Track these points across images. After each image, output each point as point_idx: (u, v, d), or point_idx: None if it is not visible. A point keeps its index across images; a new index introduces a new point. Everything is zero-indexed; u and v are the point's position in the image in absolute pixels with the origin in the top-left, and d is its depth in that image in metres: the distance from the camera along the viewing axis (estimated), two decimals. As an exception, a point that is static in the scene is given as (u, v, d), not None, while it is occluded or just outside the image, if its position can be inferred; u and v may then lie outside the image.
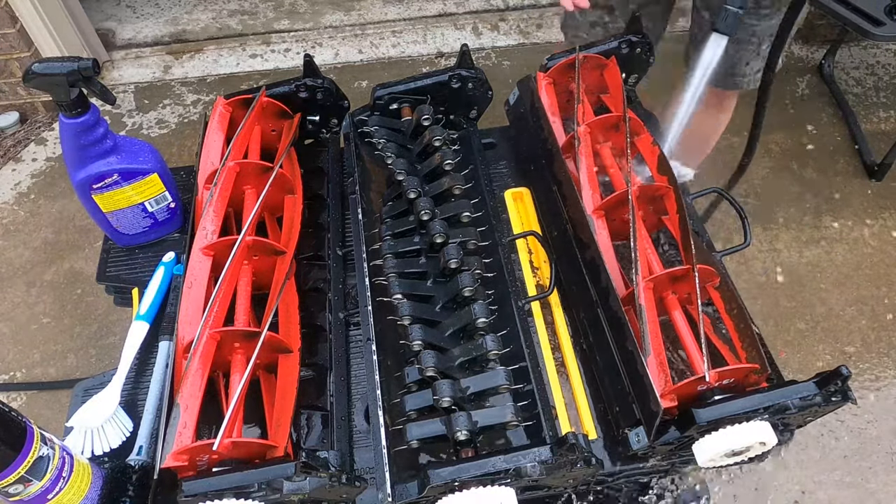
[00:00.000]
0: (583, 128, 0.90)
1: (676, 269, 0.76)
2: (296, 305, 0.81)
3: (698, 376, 0.67)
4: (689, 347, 0.74)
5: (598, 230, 0.83)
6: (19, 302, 1.89)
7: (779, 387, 0.68)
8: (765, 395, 0.66)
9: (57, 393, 1.71)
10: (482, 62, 2.40)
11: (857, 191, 2.04)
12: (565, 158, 0.90)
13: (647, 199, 0.86)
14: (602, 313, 0.78)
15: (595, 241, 0.79)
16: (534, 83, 0.98)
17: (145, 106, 2.36)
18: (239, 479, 0.61)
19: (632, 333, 0.71)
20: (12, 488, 0.62)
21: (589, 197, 0.85)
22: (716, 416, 0.65)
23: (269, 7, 2.68)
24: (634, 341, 0.70)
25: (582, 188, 0.86)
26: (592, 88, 1.01)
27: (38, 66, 0.79)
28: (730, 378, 0.69)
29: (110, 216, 0.94)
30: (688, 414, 0.66)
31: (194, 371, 0.69)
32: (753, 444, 0.67)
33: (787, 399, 0.66)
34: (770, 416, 0.66)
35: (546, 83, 0.98)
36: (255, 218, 0.82)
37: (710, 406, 0.66)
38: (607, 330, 0.77)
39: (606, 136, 0.94)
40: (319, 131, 1.01)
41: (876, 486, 1.54)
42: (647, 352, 0.70)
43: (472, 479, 0.63)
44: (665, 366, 0.71)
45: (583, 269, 0.83)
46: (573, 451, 0.63)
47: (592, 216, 0.84)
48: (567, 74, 0.98)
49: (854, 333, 1.77)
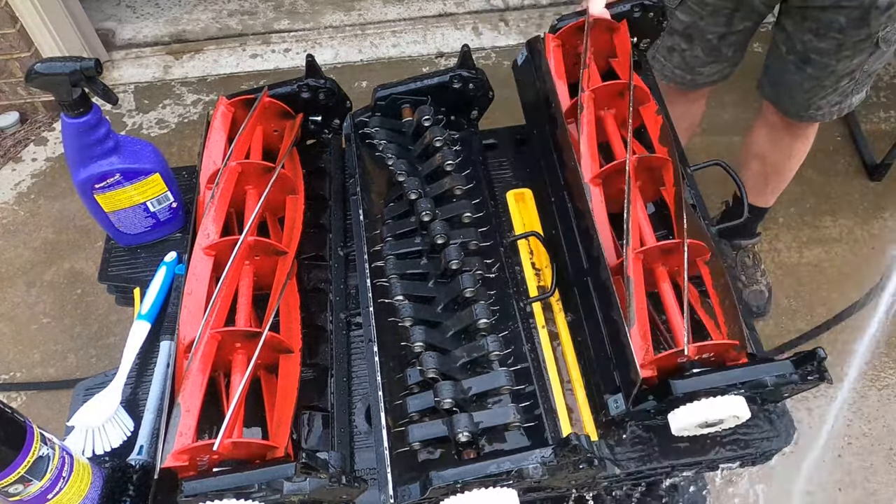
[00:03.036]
0: (587, 93, 0.88)
1: (667, 242, 0.76)
2: (297, 306, 0.81)
3: (678, 349, 0.69)
4: (673, 320, 0.75)
5: (594, 199, 0.82)
6: (19, 302, 1.89)
7: (757, 363, 0.69)
8: (742, 370, 0.68)
9: (57, 393, 1.71)
10: (482, 62, 2.40)
11: (857, 191, 2.04)
12: (568, 124, 0.89)
13: (645, 169, 0.85)
14: (591, 281, 0.79)
15: (590, 209, 0.79)
16: (542, 44, 0.96)
17: (145, 106, 2.36)
18: (239, 480, 0.61)
19: (618, 303, 0.72)
20: (12, 488, 0.62)
21: (588, 165, 0.84)
22: (692, 389, 0.67)
23: (269, 7, 2.68)
24: (620, 311, 0.71)
25: (581, 155, 0.85)
26: (602, 52, 0.98)
27: (41, 65, 0.79)
28: (709, 353, 0.70)
29: (112, 216, 0.94)
30: (666, 384, 0.67)
31: (195, 371, 0.69)
32: (727, 417, 0.69)
33: (763, 376, 0.67)
34: (746, 390, 0.68)
35: (554, 45, 0.96)
36: (257, 218, 0.82)
37: (687, 378, 0.67)
38: (595, 298, 0.78)
39: (611, 102, 0.92)
40: (321, 131, 1.01)
41: (876, 485, 1.54)
42: (631, 322, 0.71)
43: (475, 480, 0.63)
44: (648, 337, 0.72)
45: (576, 237, 0.83)
46: (576, 451, 0.63)
47: (589, 184, 0.83)
48: (576, 37, 0.96)
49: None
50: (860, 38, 1.19)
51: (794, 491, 1.54)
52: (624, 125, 0.89)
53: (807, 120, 1.41)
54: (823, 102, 1.35)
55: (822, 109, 1.36)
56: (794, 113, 1.40)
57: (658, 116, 0.89)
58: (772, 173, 1.63)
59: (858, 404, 1.66)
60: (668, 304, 0.77)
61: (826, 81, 1.29)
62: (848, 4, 1.14)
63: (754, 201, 1.73)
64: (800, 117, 1.40)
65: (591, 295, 0.79)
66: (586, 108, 0.88)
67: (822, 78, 1.29)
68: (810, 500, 1.53)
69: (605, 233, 0.80)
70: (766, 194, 1.71)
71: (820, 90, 1.32)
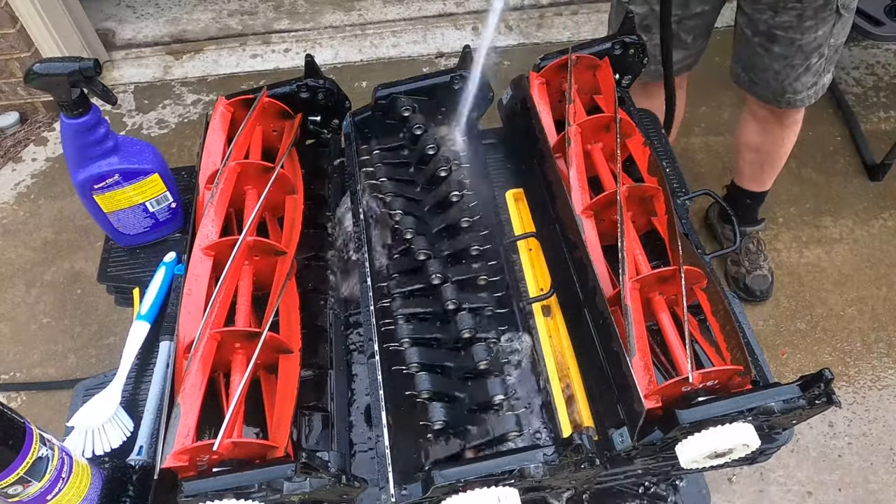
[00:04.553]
0: (574, 128, 0.90)
1: (663, 270, 0.76)
2: (297, 306, 0.81)
3: (682, 377, 0.67)
4: (674, 349, 0.75)
5: (587, 230, 0.83)
6: (19, 302, 1.89)
7: (762, 389, 0.68)
8: (748, 396, 0.66)
9: (57, 393, 1.71)
10: (482, 62, 2.40)
11: (857, 191, 2.04)
12: (556, 158, 0.90)
13: (636, 199, 0.86)
14: (588, 313, 0.78)
15: (583, 240, 0.80)
16: (526, 83, 0.98)
17: (145, 106, 2.36)
18: (239, 480, 0.61)
19: (617, 334, 0.71)
20: (11, 489, 0.62)
21: (578, 197, 0.85)
22: (699, 418, 0.65)
23: (269, 7, 2.68)
24: (620, 341, 0.70)
25: (571, 188, 0.86)
26: (585, 89, 1.01)
27: (40, 66, 0.79)
28: (714, 379, 0.69)
29: (111, 216, 0.94)
30: (671, 415, 0.66)
31: (195, 371, 0.69)
32: (737, 446, 0.67)
33: (770, 401, 0.66)
34: (753, 417, 0.66)
35: (539, 83, 0.98)
36: (256, 218, 0.82)
37: (693, 407, 0.66)
38: (593, 330, 0.77)
39: (597, 136, 0.94)
40: (321, 131, 1.01)
41: (876, 486, 1.54)
42: (631, 352, 0.70)
43: (477, 479, 0.63)
44: (650, 366, 0.71)
45: (571, 269, 0.83)
46: (579, 451, 0.64)
47: (581, 216, 0.84)
48: (560, 74, 0.98)
49: (854, 333, 1.77)
50: (819, 5, 1.19)
51: (795, 491, 1.54)
52: (612, 158, 0.90)
53: (786, 106, 1.41)
54: (798, 85, 1.35)
55: (800, 93, 1.37)
56: (773, 99, 1.40)
57: (645, 148, 0.90)
58: (766, 161, 1.65)
59: (858, 404, 1.66)
60: (668, 333, 0.76)
61: (795, 60, 1.29)
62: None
63: (752, 187, 1.76)
64: (778, 103, 1.41)
65: (589, 327, 0.78)
66: (574, 142, 0.89)
67: (791, 56, 1.29)
68: (810, 500, 1.53)
69: (600, 264, 0.80)
70: (764, 180, 1.73)
71: (791, 70, 1.32)
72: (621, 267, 0.76)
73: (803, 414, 0.69)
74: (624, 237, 0.78)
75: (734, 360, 0.73)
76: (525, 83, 0.98)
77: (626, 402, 0.69)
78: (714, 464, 0.72)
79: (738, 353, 0.73)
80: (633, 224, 0.86)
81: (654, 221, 0.88)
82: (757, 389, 0.68)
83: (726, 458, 0.71)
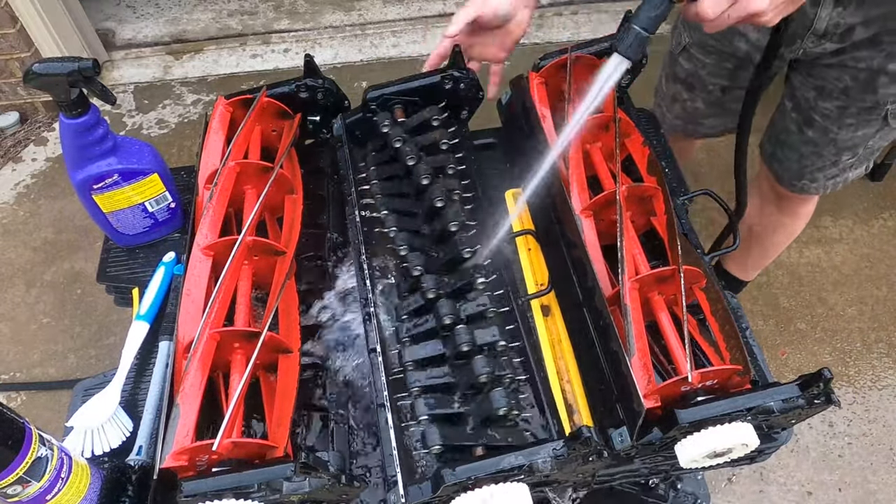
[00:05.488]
0: None
1: (662, 270, 0.76)
2: (296, 305, 0.81)
3: (681, 377, 0.68)
4: (673, 348, 0.75)
5: (586, 230, 0.83)
6: (19, 302, 1.89)
7: (761, 388, 0.68)
8: (747, 396, 0.67)
9: (57, 393, 1.72)
10: (482, 62, 2.40)
11: (857, 191, 2.04)
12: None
13: (635, 199, 0.86)
14: (587, 313, 0.79)
15: (582, 240, 0.80)
16: (526, 83, 0.98)
17: (145, 106, 2.36)
18: (238, 480, 0.61)
19: (616, 334, 0.71)
20: (11, 489, 0.62)
21: (577, 196, 0.85)
22: (698, 417, 0.65)
23: (269, 7, 2.68)
24: (619, 341, 0.71)
25: (571, 188, 0.86)
26: (585, 89, 1.01)
27: (39, 66, 0.79)
28: (713, 379, 0.69)
29: (110, 216, 0.94)
30: (671, 414, 0.66)
31: (194, 371, 0.69)
32: (736, 446, 0.67)
33: (769, 401, 0.66)
34: (753, 417, 0.66)
35: (538, 83, 0.98)
36: (256, 218, 0.82)
37: (692, 407, 0.66)
38: (592, 330, 0.77)
39: (597, 136, 0.93)
40: (320, 131, 1.01)
41: (876, 485, 1.54)
42: (631, 352, 0.70)
43: (487, 476, 0.63)
44: (649, 366, 0.71)
45: (570, 269, 0.83)
46: (587, 444, 0.64)
47: (580, 216, 0.84)
48: (559, 74, 0.98)
49: (854, 333, 1.77)
50: (866, 106, 1.08)
51: (795, 491, 1.54)
52: (611, 157, 0.90)
53: (798, 191, 1.29)
54: (819, 175, 1.24)
55: (817, 182, 1.25)
56: (787, 180, 1.29)
57: (645, 148, 0.90)
58: (755, 245, 1.54)
59: (858, 404, 1.66)
60: (668, 333, 0.76)
61: (825, 150, 1.18)
62: (853, 65, 1.04)
63: (733, 270, 1.65)
64: (791, 186, 1.29)
65: (588, 327, 0.78)
66: (573, 141, 0.88)
67: (822, 145, 1.17)
68: (810, 500, 1.53)
69: (599, 264, 0.80)
70: (747, 267, 1.63)
71: (817, 159, 1.21)
72: (620, 267, 0.76)
73: (802, 413, 0.69)
74: (623, 237, 0.78)
75: (733, 360, 0.73)
76: (524, 83, 0.98)
77: (626, 401, 0.69)
78: (713, 463, 0.72)
79: (737, 353, 0.73)
80: (632, 224, 0.86)
81: (654, 221, 0.88)
82: (756, 389, 0.68)
83: (725, 458, 0.71)
